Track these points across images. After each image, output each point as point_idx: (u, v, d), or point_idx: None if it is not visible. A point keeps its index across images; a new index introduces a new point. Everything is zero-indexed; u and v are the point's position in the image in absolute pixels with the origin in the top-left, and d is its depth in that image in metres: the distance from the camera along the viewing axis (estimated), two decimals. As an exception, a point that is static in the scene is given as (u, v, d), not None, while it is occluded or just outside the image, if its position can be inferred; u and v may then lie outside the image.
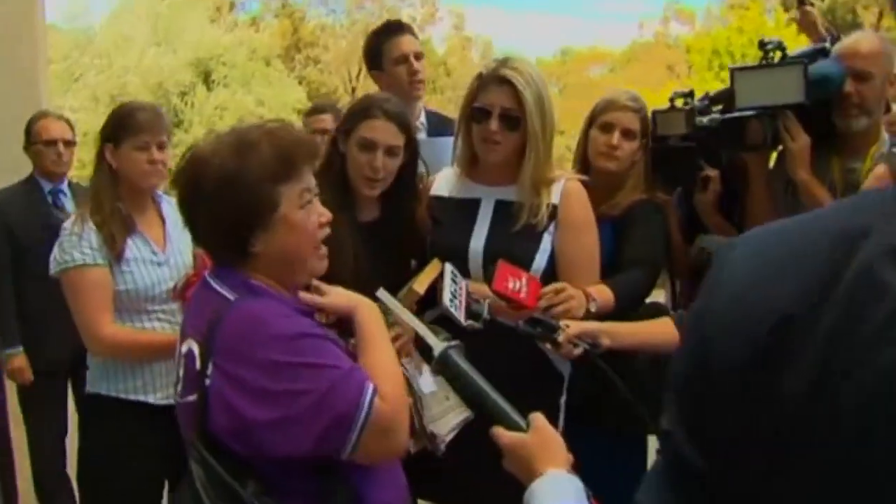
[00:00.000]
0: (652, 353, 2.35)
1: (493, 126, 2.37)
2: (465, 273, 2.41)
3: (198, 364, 1.55)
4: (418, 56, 3.38)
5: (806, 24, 3.31)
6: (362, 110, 2.45)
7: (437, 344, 1.68)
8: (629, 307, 2.44)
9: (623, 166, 2.68)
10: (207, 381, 1.52)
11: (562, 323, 2.17)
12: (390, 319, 2.07)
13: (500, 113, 2.37)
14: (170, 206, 2.83)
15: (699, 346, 0.83)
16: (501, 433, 1.52)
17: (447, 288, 2.11)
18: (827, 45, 2.82)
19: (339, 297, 1.75)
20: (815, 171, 2.69)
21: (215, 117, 21.48)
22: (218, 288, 1.61)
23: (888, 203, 0.78)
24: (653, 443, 3.15)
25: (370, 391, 1.51)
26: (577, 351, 2.15)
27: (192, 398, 1.56)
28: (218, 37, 23.03)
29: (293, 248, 1.63)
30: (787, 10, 22.51)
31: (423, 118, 3.42)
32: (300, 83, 26.17)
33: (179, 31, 22.72)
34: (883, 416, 0.70)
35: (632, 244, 2.58)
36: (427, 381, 2.37)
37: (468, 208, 2.50)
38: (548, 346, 2.17)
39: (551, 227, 2.42)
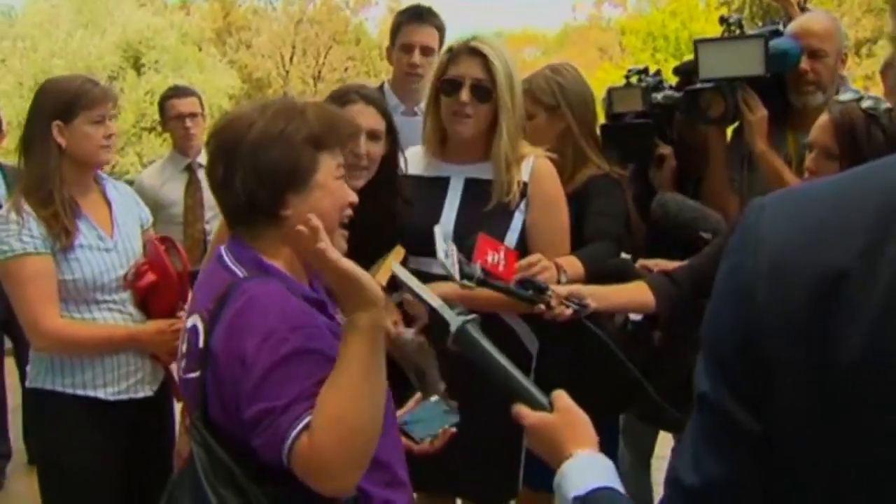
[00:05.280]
0: (629, 313, 2.40)
1: (463, 97, 2.37)
2: (433, 253, 2.41)
3: (201, 341, 1.52)
4: (425, 50, 3.39)
5: None
6: (339, 97, 2.39)
7: (454, 319, 1.60)
8: (597, 279, 2.45)
9: (535, 143, 2.65)
10: (209, 362, 1.50)
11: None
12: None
13: (472, 84, 2.37)
14: (116, 189, 2.69)
15: (743, 310, 0.82)
16: (526, 413, 1.44)
17: (440, 247, 2.11)
18: (780, 26, 2.89)
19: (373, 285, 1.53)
20: (771, 146, 2.75)
21: (146, 102, 20.98)
22: (230, 264, 1.58)
23: None
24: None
25: (291, 438, 1.39)
26: (568, 312, 2.16)
27: (193, 375, 1.55)
28: (147, 20, 22.47)
29: (324, 213, 1.55)
30: (717, -7, 22.95)
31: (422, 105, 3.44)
32: (232, 67, 25.75)
33: (106, 14, 22.13)
34: None
35: (593, 218, 2.59)
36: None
37: (437, 187, 2.49)
38: (540, 307, 2.17)
39: (522, 205, 2.43)
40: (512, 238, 2.41)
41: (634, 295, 2.33)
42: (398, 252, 2.39)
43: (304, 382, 1.43)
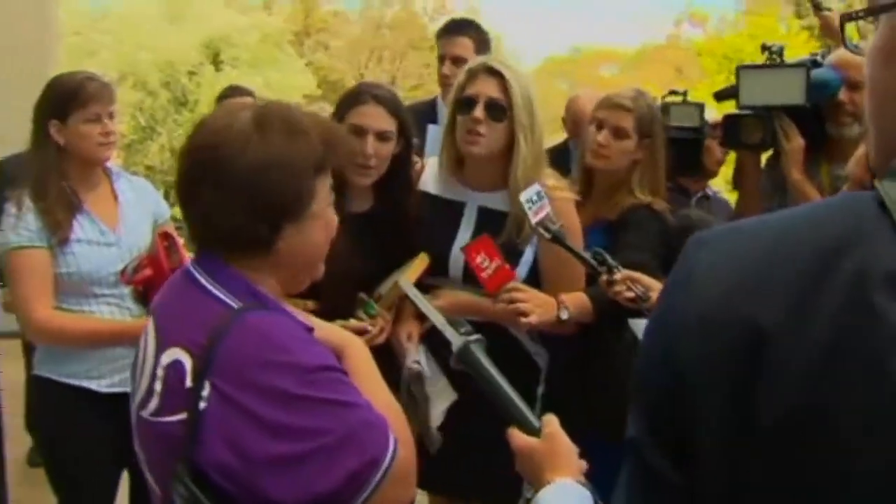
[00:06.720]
0: None
1: (477, 113, 2.33)
2: (444, 273, 2.44)
3: (188, 380, 1.32)
4: (456, 60, 3.49)
5: (828, 29, 3.33)
6: (352, 97, 2.44)
7: (457, 338, 1.63)
8: (615, 316, 2.38)
9: (613, 166, 2.63)
10: (202, 404, 1.30)
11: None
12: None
13: (487, 102, 2.34)
14: (129, 183, 2.74)
15: (668, 354, 0.79)
16: (515, 436, 1.48)
17: (529, 192, 2.18)
18: (819, 57, 2.88)
19: (330, 333, 1.60)
20: (805, 176, 2.75)
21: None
22: (216, 292, 1.40)
23: (868, 212, 0.74)
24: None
25: (393, 438, 1.37)
26: (629, 294, 2.16)
27: (174, 419, 1.34)
28: (231, 18, 23.00)
29: (316, 245, 1.48)
30: (800, 17, 22.54)
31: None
32: (309, 68, 26.16)
33: (193, 11, 22.71)
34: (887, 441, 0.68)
35: (623, 251, 2.44)
36: (423, 362, 2.39)
37: (452, 211, 2.48)
38: (603, 277, 2.19)
39: (534, 239, 2.39)
40: (522, 272, 2.39)
41: None
42: (423, 259, 2.42)
43: (360, 400, 1.37)
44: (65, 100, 2.51)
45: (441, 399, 2.38)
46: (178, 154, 1.45)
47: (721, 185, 4.77)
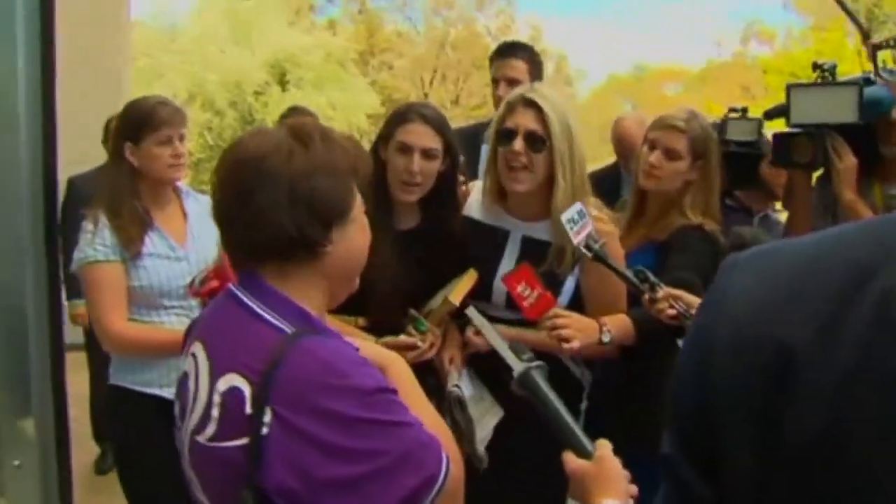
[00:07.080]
0: None
1: (517, 146, 2.35)
2: (486, 297, 2.46)
3: (248, 407, 1.34)
4: (510, 81, 3.60)
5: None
6: (400, 115, 2.49)
7: (518, 364, 1.68)
8: (657, 338, 2.37)
9: (665, 187, 2.63)
10: (265, 430, 1.32)
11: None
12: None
13: (526, 134, 2.35)
14: (196, 201, 2.87)
15: (700, 372, 0.80)
16: (570, 459, 1.54)
17: (567, 213, 2.21)
18: (872, 75, 2.85)
19: (371, 351, 1.58)
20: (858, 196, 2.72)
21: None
22: (266, 315, 1.42)
23: None
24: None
25: (446, 455, 1.40)
26: (671, 312, 2.16)
27: (233, 444, 1.36)
28: (295, 38, 23.44)
29: (360, 249, 1.54)
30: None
31: None
32: (373, 88, 26.47)
33: (259, 32, 23.19)
34: None
35: (670, 271, 2.43)
36: (465, 383, 2.43)
37: (496, 238, 2.51)
38: (645, 296, 2.20)
39: (576, 269, 2.42)
40: (564, 300, 2.42)
41: None
42: (471, 275, 2.46)
43: (413, 419, 1.40)
44: (138, 124, 2.66)
45: (488, 417, 2.42)
46: (215, 176, 1.49)
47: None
